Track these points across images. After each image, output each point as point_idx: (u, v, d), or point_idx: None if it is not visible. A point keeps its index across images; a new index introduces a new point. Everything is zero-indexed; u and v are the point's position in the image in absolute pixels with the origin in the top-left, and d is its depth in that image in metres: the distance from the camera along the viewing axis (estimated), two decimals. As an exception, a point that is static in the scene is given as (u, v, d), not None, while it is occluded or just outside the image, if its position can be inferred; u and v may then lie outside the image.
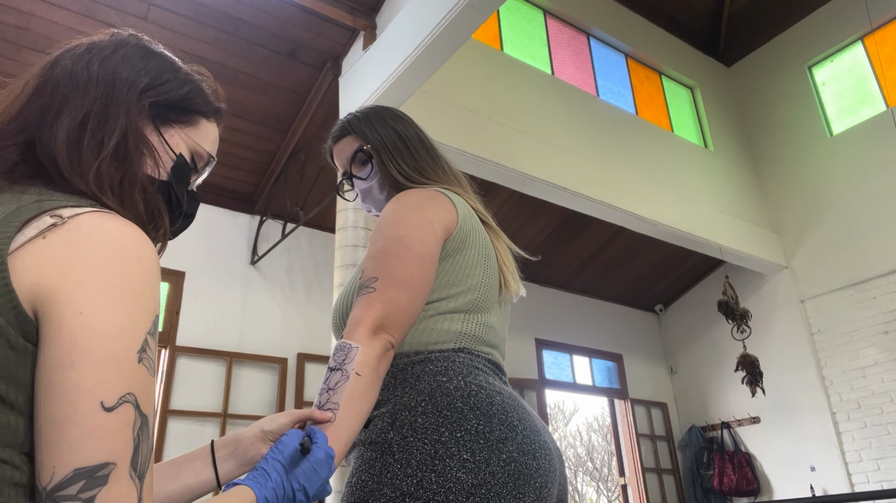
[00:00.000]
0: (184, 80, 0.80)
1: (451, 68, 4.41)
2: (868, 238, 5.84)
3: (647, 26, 6.68)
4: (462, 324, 1.05)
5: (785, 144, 6.72)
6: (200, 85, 0.83)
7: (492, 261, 1.13)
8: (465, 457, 0.89)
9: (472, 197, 1.22)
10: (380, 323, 0.93)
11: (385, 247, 1.01)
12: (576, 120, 5.30)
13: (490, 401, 0.95)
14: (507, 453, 0.91)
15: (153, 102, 0.75)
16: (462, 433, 0.91)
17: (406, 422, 0.93)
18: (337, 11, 3.98)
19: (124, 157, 0.69)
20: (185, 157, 0.79)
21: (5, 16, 3.63)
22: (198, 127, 0.81)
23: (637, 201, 5.20)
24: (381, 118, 1.25)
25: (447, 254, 1.07)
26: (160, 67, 0.78)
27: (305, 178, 4.49)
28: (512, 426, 0.94)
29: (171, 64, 0.81)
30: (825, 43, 6.60)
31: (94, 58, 0.74)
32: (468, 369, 1.00)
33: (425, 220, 1.04)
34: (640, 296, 7.29)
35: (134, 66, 0.75)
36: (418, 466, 0.88)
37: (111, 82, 0.72)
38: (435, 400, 0.94)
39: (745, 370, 5.29)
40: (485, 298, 1.09)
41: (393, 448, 0.91)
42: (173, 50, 0.86)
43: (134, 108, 0.72)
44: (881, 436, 5.47)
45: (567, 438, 14.01)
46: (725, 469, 6.16)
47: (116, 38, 0.79)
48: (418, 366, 1.00)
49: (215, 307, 4.55)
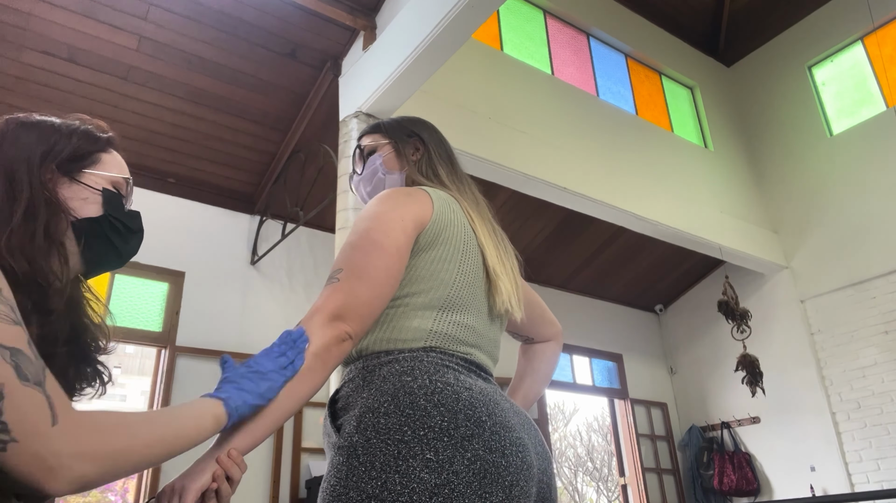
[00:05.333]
0: (68, 134, 0.93)
1: (451, 68, 4.41)
2: (868, 238, 5.84)
3: (647, 26, 6.68)
4: (433, 323, 1.04)
5: (785, 144, 6.72)
6: (82, 130, 0.95)
7: (472, 260, 1.12)
8: (428, 457, 0.87)
9: (471, 201, 1.23)
10: (338, 312, 0.94)
11: (353, 240, 1.04)
12: (576, 120, 5.30)
13: (456, 397, 0.94)
14: (473, 451, 0.89)
15: (58, 164, 0.89)
16: (425, 431, 0.89)
17: (370, 424, 0.92)
18: (337, 11, 3.98)
19: (31, 221, 0.82)
20: (109, 189, 0.94)
21: (5, 16, 3.63)
22: (102, 161, 0.95)
23: (637, 201, 5.20)
24: (407, 123, 1.35)
25: (420, 249, 1.07)
26: (45, 134, 0.91)
27: (305, 178, 4.49)
28: (479, 422, 0.92)
29: (52, 126, 0.93)
30: (825, 43, 6.61)
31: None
32: (436, 367, 0.99)
33: (396, 215, 1.05)
34: (640, 296, 7.29)
35: (23, 145, 0.88)
36: (382, 468, 0.87)
37: (10, 168, 0.85)
38: (398, 399, 0.93)
39: (745, 370, 5.29)
40: (459, 296, 1.08)
41: (358, 451, 0.90)
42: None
43: (37, 178, 0.85)
44: (881, 436, 5.47)
45: (567, 438, 14.01)
46: (725, 469, 6.16)
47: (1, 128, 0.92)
48: (385, 366, 1.00)
49: (215, 307, 4.55)
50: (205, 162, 4.68)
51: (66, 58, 3.89)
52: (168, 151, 4.53)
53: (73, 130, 0.93)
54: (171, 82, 4.17)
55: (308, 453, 4.51)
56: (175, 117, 4.35)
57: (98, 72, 4.00)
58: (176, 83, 4.18)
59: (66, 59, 3.89)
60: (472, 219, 1.17)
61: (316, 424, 4.62)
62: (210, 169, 4.74)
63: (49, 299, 0.80)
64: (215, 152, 4.65)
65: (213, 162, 4.71)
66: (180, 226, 4.60)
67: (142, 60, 4.02)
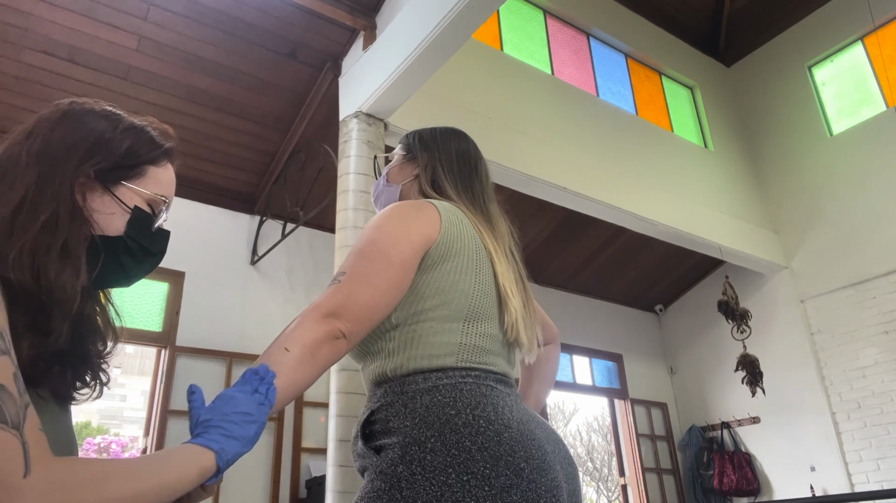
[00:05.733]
0: (124, 135, 0.87)
1: (451, 68, 4.41)
2: (868, 238, 5.84)
3: (647, 26, 6.68)
4: (462, 336, 1.06)
5: (785, 144, 6.72)
6: (143, 134, 0.89)
7: (485, 272, 1.14)
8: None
9: (482, 218, 1.23)
10: (334, 310, 0.95)
11: (360, 247, 1.06)
12: (576, 120, 5.30)
13: (498, 440, 0.96)
14: (511, 502, 0.91)
15: (97, 169, 0.83)
16: (468, 477, 0.92)
17: (416, 458, 0.94)
18: (337, 11, 3.98)
19: (53, 230, 0.77)
20: (142, 208, 0.87)
21: (5, 16, 3.63)
22: (147, 176, 0.88)
23: (637, 201, 5.20)
24: (428, 135, 1.37)
25: (433, 264, 1.09)
26: (99, 131, 0.85)
27: (305, 178, 4.49)
28: (518, 471, 0.94)
29: (112, 122, 0.87)
30: (825, 43, 6.61)
31: (35, 141, 0.82)
32: (476, 399, 1.01)
33: (404, 230, 1.07)
34: (640, 296, 7.29)
35: (70, 141, 0.83)
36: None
37: (46, 164, 0.80)
38: (444, 436, 0.95)
39: (745, 370, 5.29)
40: (480, 305, 1.10)
41: (402, 484, 0.93)
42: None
43: (67, 187, 0.80)
44: (881, 436, 5.47)
45: (567, 438, 14.01)
46: (725, 469, 6.16)
47: (58, 110, 0.85)
48: (426, 395, 1.01)
49: (215, 307, 4.55)
50: (205, 162, 4.68)
51: (66, 58, 3.88)
52: (168, 151, 4.52)
53: (130, 132, 0.87)
54: (171, 82, 4.17)
55: (308, 453, 4.51)
56: (175, 117, 4.34)
57: (98, 72, 4.00)
58: (176, 83, 4.18)
59: (66, 59, 3.89)
60: (482, 232, 1.18)
61: (316, 424, 4.62)
62: (210, 169, 4.74)
63: (51, 319, 0.75)
64: (215, 152, 4.65)
65: (213, 162, 4.70)
66: (180, 226, 4.59)
67: (142, 60, 4.02)
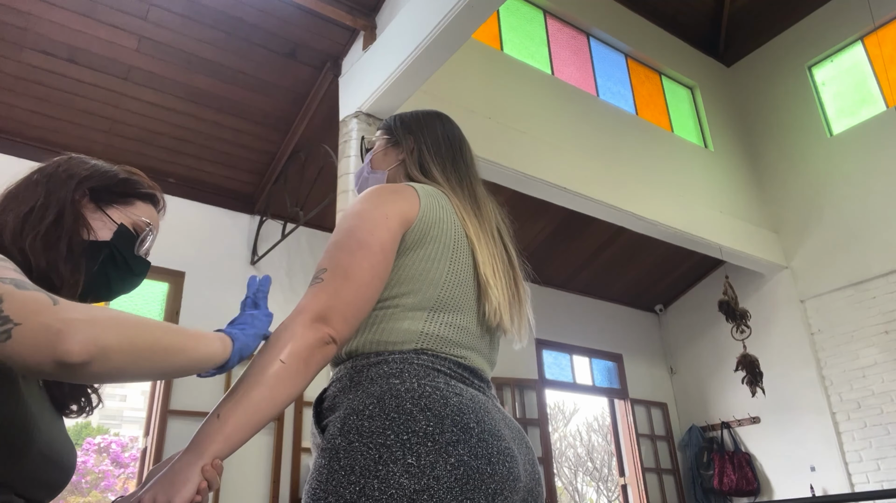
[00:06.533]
0: (119, 172, 1.02)
1: (451, 68, 4.41)
2: (868, 238, 5.84)
3: (647, 26, 6.67)
4: (424, 324, 1.00)
5: (785, 144, 6.72)
6: (136, 178, 1.05)
7: (462, 260, 1.07)
8: (409, 462, 0.85)
9: (467, 201, 1.18)
10: (322, 314, 0.92)
11: (337, 239, 1.01)
12: (576, 120, 5.30)
13: (444, 402, 0.91)
14: (457, 456, 0.86)
15: (93, 188, 0.97)
16: (409, 435, 0.86)
17: (353, 427, 0.89)
18: (337, 11, 3.98)
19: (59, 227, 0.91)
20: (127, 227, 0.99)
21: (5, 16, 3.63)
22: (134, 206, 1.02)
23: (637, 201, 5.20)
24: (410, 118, 1.36)
25: (407, 248, 1.04)
26: (98, 165, 1.01)
27: (305, 178, 4.49)
28: (466, 428, 0.89)
29: (110, 165, 1.03)
30: (825, 43, 6.60)
31: (42, 173, 0.98)
32: (426, 371, 0.96)
33: (380, 212, 1.02)
34: (640, 296, 7.29)
35: (72, 171, 0.98)
36: (362, 472, 0.85)
37: (52, 183, 0.95)
38: (383, 402, 0.90)
39: (745, 370, 5.29)
40: (451, 296, 1.04)
41: (339, 454, 0.87)
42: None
43: (70, 196, 0.94)
44: (881, 436, 5.47)
45: (567, 438, 14.01)
46: (725, 469, 6.16)
47: (61, 159, 1.01)
48: (374, 368, 0.96)
49: (215, 307, 4.55)
50: (205, 162, 4.68)
51: (66, 58, 3.89)
52: (168, 151, 4.53)
53: (125, 174, 1.03)
54: (171, 82, 4.17)
55: (308, 453, 4.51)
56: (175, 117, 4.34)
57: (98, 72, 4.00)
58: (176, 83, 4.18)
59: (66, 59, 3.89)
60: (464, 218, 1.13)
61: (316, 424, 4.62)
62: (210, 169, 4.74)
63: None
64: (215, 152, 4.65)
65: (213, 162, 4.70)
66: (180, 226, 4.59)
67: (142, 60, 4.02)
